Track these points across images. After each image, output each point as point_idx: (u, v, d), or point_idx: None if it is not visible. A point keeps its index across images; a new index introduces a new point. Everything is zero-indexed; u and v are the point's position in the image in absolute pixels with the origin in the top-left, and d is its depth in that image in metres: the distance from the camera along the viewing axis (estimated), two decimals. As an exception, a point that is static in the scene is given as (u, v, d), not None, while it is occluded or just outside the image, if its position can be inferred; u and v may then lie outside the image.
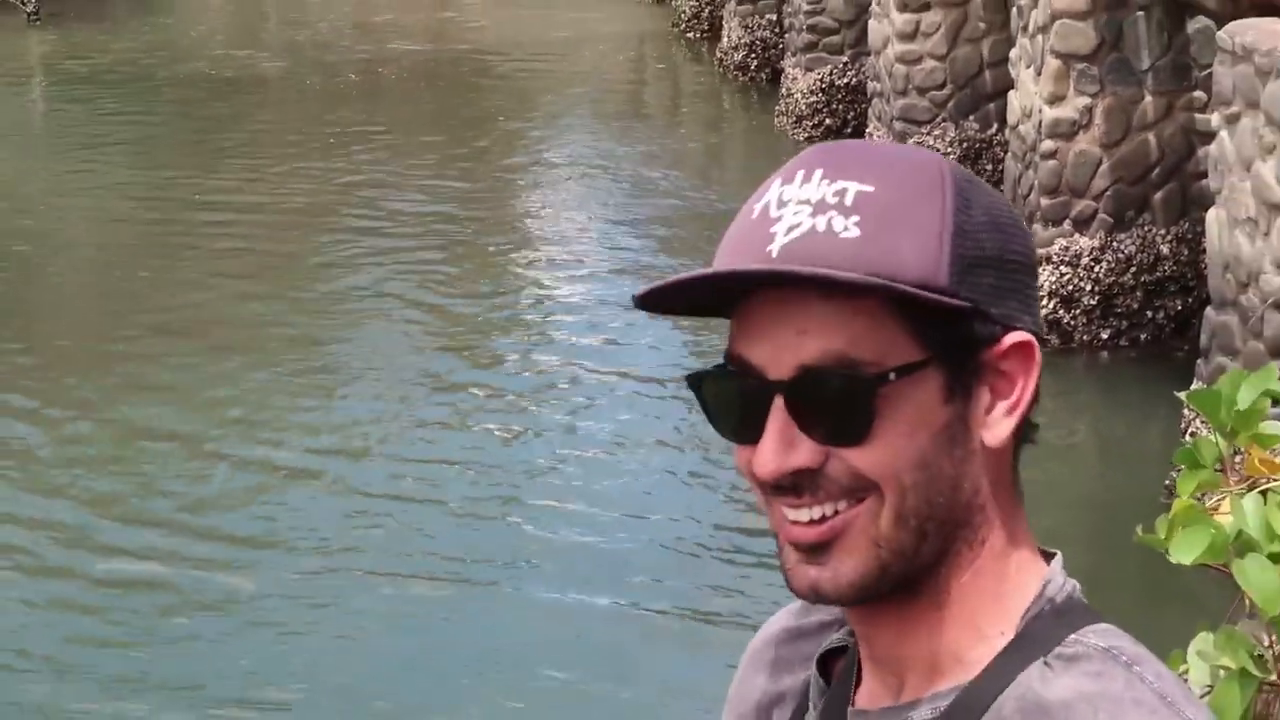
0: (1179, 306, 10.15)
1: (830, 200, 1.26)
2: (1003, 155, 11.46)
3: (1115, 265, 10.20)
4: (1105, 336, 10.20)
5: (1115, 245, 10.21)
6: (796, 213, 1.26)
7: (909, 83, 12.86)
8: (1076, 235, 10.22)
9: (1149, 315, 10.25)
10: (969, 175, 1.34)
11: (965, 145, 12.77)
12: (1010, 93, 10.97)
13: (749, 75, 17.76)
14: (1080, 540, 8.09)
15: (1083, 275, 10.16)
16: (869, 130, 13.53)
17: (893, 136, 12.88)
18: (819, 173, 1.27)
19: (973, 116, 12.83)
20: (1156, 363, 9.61)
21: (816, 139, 14.93)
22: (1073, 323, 10.18)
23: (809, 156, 1.29)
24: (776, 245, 1.24)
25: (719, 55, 18.65)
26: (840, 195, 1.26)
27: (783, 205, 1.27)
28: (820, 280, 1.21)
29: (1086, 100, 10.11)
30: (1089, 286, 10.16)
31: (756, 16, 17.70)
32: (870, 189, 1.26)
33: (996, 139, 12.30)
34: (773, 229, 1.26)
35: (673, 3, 21.31)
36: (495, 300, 12.15)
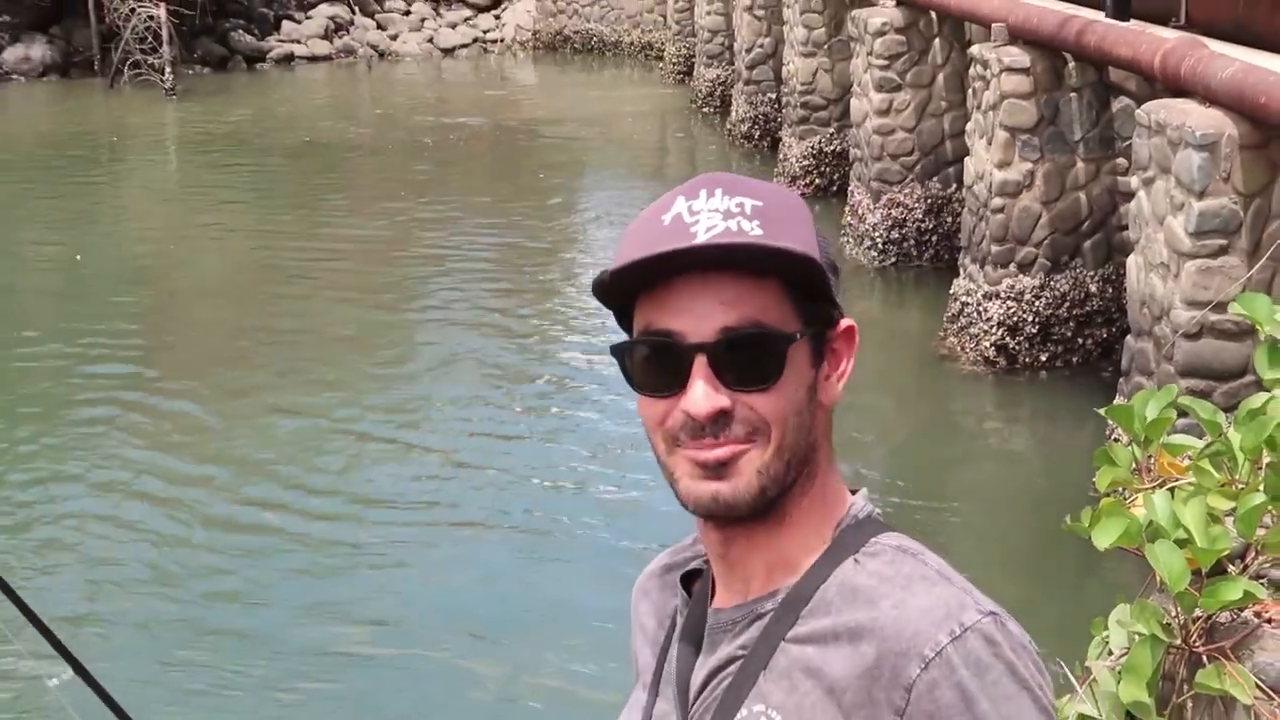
0: (1104, 335, 10.22)
1: (734, 210, 1.47)
2: (960, 210, 11.58)
3: (1052, 301, 10.33)
4: (1044, 359, 10.26)
5: (1052, 284, 10.35)
6: (710, 218, 1.46)
7: (884, 150, 13.00)
8: (1020, 276, 10.32)
9: (1080, 342, 10.36)
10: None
11: (930, 201, 12.92)
12: (966, 159, 11.04)
13: (753, 143, 17.95)
14: (1019, 527, 8.37)
15: (1025, 309, 10.27)
16: (850, 189, 13.62)
17: (870, 194, 13.03)
18: (719, 190, 1.49)
19: (936, 178, 12.95)
20: (1086, 381, 9.74)
21: (808, 196, 15.14)
22: (1017, 348, 10.25)
23: (703, 181, 1.51)
24: (700, 240, 1.45)
25: (728, 127, 18.79)
26: (740, 206, 1.47)
27: (695, 214, 1.47)
28: (769, 253, 1.45)
29: (1029, 165, 10.29)
30: (1030, 318, 10.26)
31: (759, 95, 17.89)
32: (760, 204, 1.48)
33: (955, 196, 12.40)
34: (693, 229, 1.46)
35: (691, 84, 21.56)
36: (544, 310, 12.88)
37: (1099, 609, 3.08)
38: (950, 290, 10.96)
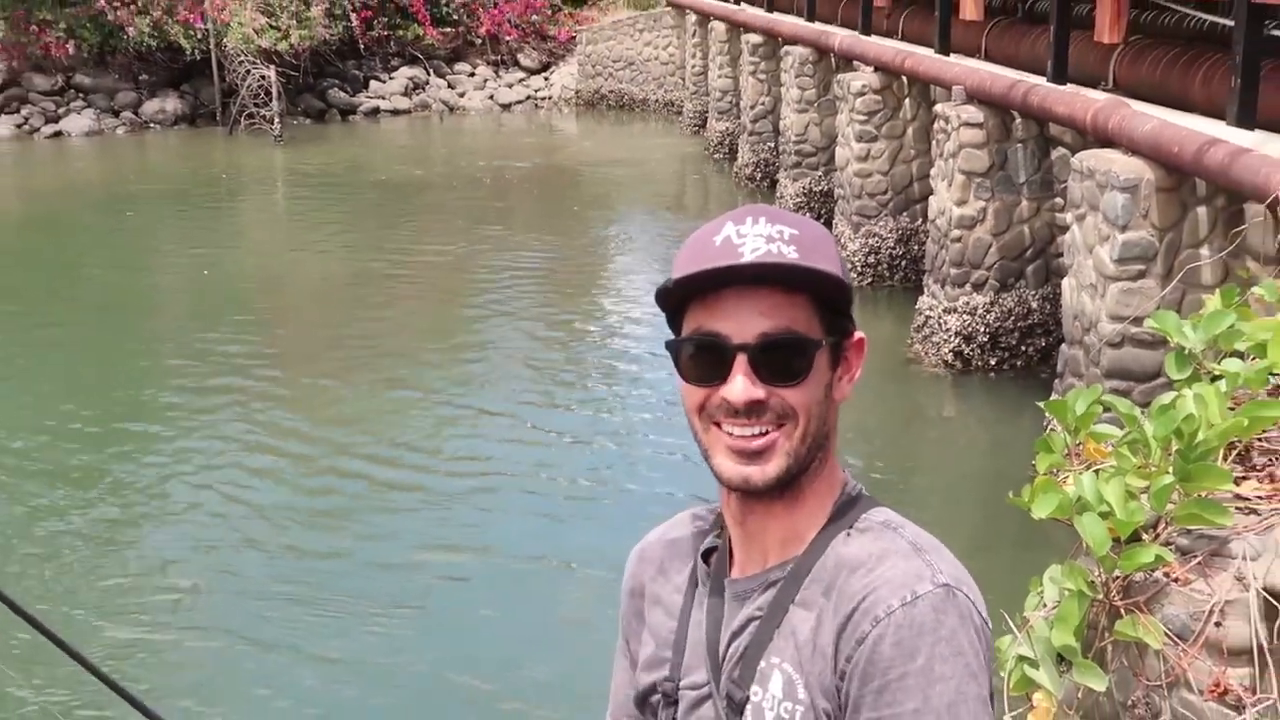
0: (1043, 343, 10.17)
1: (774, 235, 1.50)
2: (925, 239, 11.56)
3: (1000, 315, 10.29)
4: (993, 363, 10.21)
5: (1000, 302, 10.31)
6: (754, 241, 1.50)
7: (862, 190, 12.99)
8: (974, 294, 10.29)
9: (1023, 349, 10.32)
10: None
11: (900, 232, 12.91)
12: (930, 197, 11.01)
13: (755, 183, 17.90)
14: (971, 500, 8.37)
15: (978, 321, 10.23)
16: (835, 222, 13.62)
17: (851, 226, 13.02)
18: (763, 219, 1.51)
19: (905, 213, 12.93)
20: (1027, 382, 9.70)
21: (801, 227, 15.29)
22: (970, 353, 10.21)
23: (749, 210, 1.53)
24: (746, 259, 1.48)
25: (735, 169, 18.74)
26: (780, 233, 1.50)
27: (742, 237, 1.50)
28: (803, 272, 1.48)
29: (982, 203, 10.26)
30: (982, 329, 10.22)
31: (760, 144, 17.87)
32: (797, 232, 1.51)
33: (921, 228, 12.38)
34: (740, 249, 1.49)
35: (704, 134, 21.58)
36: (580, 307, 13.04)
37: (1036, 569, 3.08)
38: (916, 306, 10.96)
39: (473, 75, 27.68)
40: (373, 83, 26.64)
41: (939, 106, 10.90)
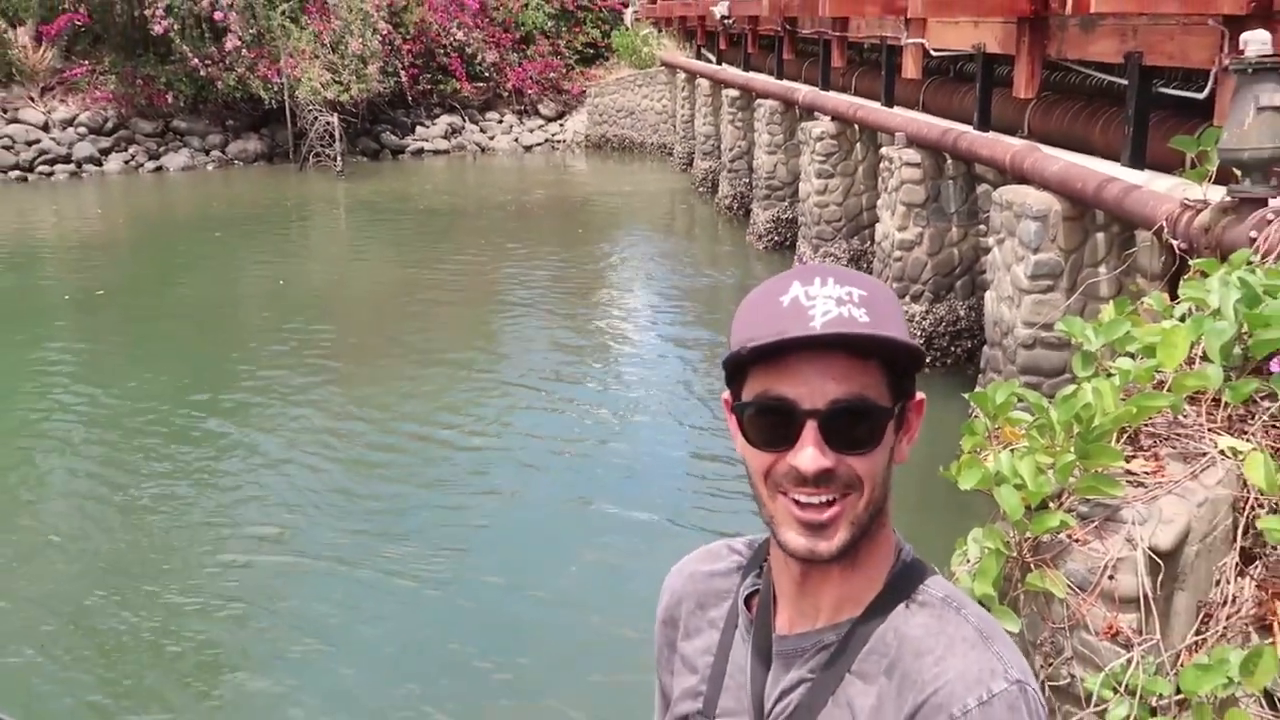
0: (969, 345, 10.14)
1: (845, 298, 1.25)
2: (872, 259, 11.55)
3: (934, 322, 10.26)
4: (928, 362, 10.31)
5: (934, 311, 10.29)
6: (825, 303, 1.25)
7: (821, 218, 12.98)
8: (913, 304, 10.27)
9: (953, 349, 10.28)
10: None
11: (851, 253, 12.86)
12: (877, 224, 11.01)
13: (733, 212, 17.82)
14: (910, 475, 8.28)
15: (915, 327, 10.17)
16: (798, 244, 13.62)
17: (811, 247, 13.00)
18: (831, 280, 1.27)
19: (856, 237, 12.91)
20: (957, 377, 9.59)
21: (770, 248, 15.23)
22: None
23: (816, 270, 1.29)
24: (818, 323, 1.23)
25: (716, 200, 18.65)
26: (850, 295, 1.25)
27: (811, 299, 1.25)
28: (879, 341, 1.24)
29: (919, 229, 10.22)
30: (919, 333, 10.17)
31: (737, 179, 17.81)
32: (866, 294, 1.27)
33: (869, 250, 12.34)
34: (811, 312, 1.24)
35: (691, 171, 21.55)
36: (587, 307, 12.99)
37: (961, 531, 3.07)
38: (865, 313, 10.96)
39: (500, 122, 27.68)
40: (418, 127, 26.63)
41: (884, 149, 10.89)
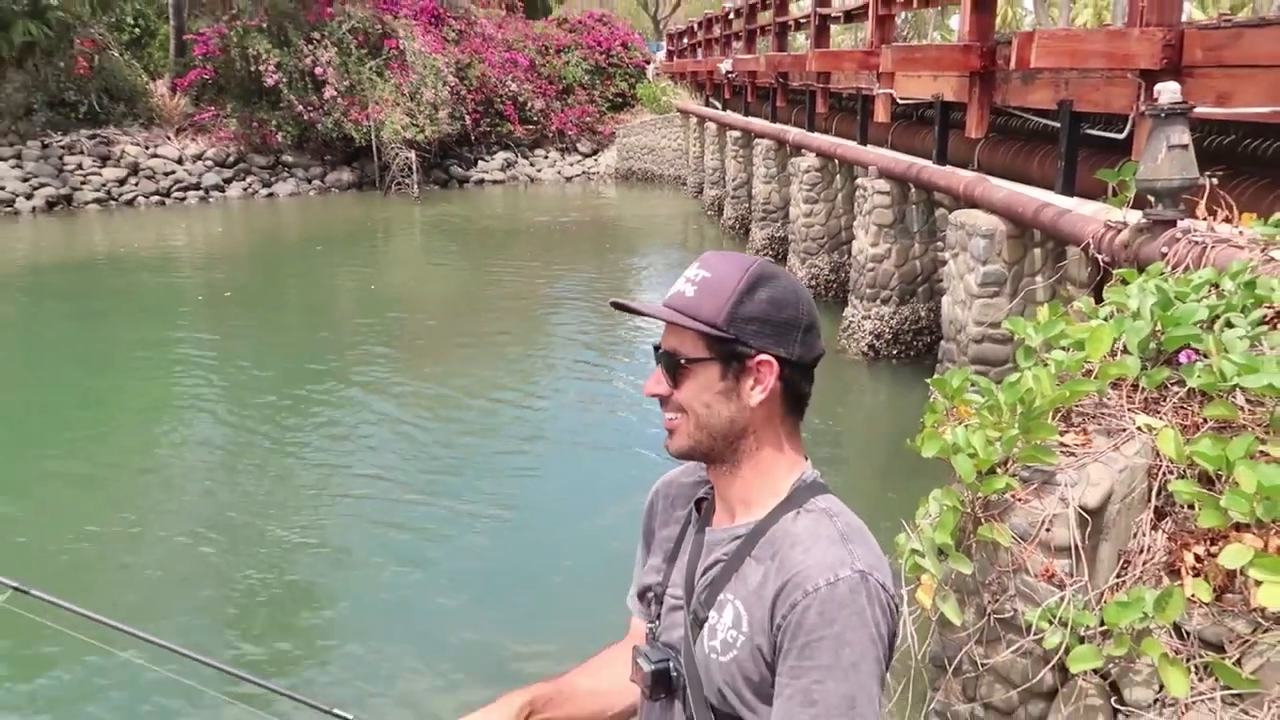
0: (928, 340, 10.03)
1: (692, 277, 1.37)
2: (849, 270, 11.46)
3: (900, 321, 10.15)
4: (895, 354, 10.08)
5: (900, 312, 10.16)
6: (681, 282, 1.38)
7: (808, 236, 12.87)
8: (882, 306, 10.16)
9: (915, 344, 10.15)
10: (775, 275, 1.39)
11: (832, 265, 12.72)
12: (853, 241, 10.94)
13: (735, 231, 17.65)
14: (881, 446, 8.23)
15: (885, 325, 10.08)
16: (789, 257, 13.52)
17: (800, 260, 12.93)
18: (697, 264, 1.38)
19: (835, 252, 12.78)
20: (919, 367, 9.51)
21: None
22: (880, 347, 10.07)
23: (704, 255, 1.40)
24: (671, 295, 1.38)
25: (722, 222, 18.48)
26: (695, 276, 1.37)
27: (685, 278, 1.38)
28: (667, 319, 1.36)
29: (888, 245, 10.12)
30: (888, 331, 10.07)
31: (739, 204, 17.68)
32: (708, 275, 1.36)
33: (846, 262, 12.23)
34: (675, 288, 1.38)
35: (701, 198, 21.40)
36: (613, 320, 12.69)
37: (924, 491, 3.05)
38: (843, 314, 10.84)
39: (546, 157, 27.62)
40: (479, 162, 26.56)
41: (860, 180, 10.81)
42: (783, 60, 15.91)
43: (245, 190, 23.75)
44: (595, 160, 27.85)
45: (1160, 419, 2.96)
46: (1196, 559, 2.64)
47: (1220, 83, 5.64)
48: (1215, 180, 4.75)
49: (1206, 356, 2.96)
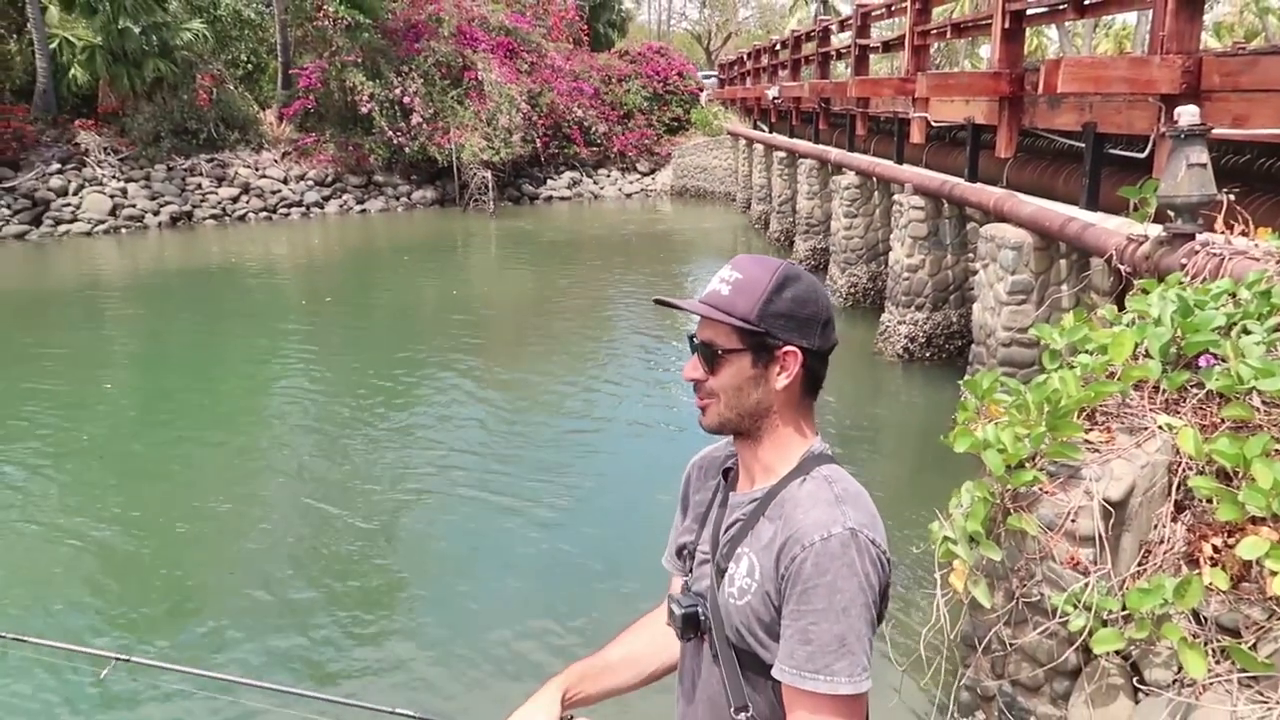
0: (960, 344, 9.85)
1: (726, 278, 1.40)
2: (886, 278, 11.31)
3: (933, 326, 9.99)
4: (929, 356, 9.94)
5: (933, 318, 10.00)
6: (715, 281, 1.42)
7: (847, 247, 12.74)
8: (917, 312, 10.02)
9: (948, 348, 9.97)
10: (799, 276, 1.42)
11: (870, 274, 12.55)
12: (890, 252, 10.83)
13: (780, 243, 17.59)
14: (915, 442, 8.08)
15: (919, 329, 9.93)
16: (829, 267, 13.38)
17: (840, 269, 12.83)
18: (729, 266, 1.41)
19: (874, 262, 12.63)
20: (951, 368, 9.33)
21: (808, 270, 15.05)
22: (914, 350, 9.92)
23: (734, 259, 1.43)
24: (707, 293, 1.41)
25: (768, 234, 18.36)
26: (729, 276, 1.40)
27: (719, 277, 1.42)
28: (705, 315, 1.39)
29: (922, 256, 9.97)
30: (922, 335, 9.93)
31: (784, 219, 17.53)
32: (740, 276, 1.40)
33: (883, 272, 12.09)
34: (708, 286, 1.42)
35: (749, 213, 21.29)
36: (673, 317, 12.54)
37: (957, 484, 3.01)
38: (880, 319, 10.69)
39: (609, 176, 27.68)
40: (548, 180, 26.73)
41: (896, 196, 10.67)
42: (825, 87, 15.77)
43: (341, 207, 24.16)
44: (653, 179, 27.86)
45: (1180, 419, 2.90)
46: (1214, 550, 2.58)
47: (1236, 106, 5.49)
48: (1232, 197, 4.62)
49: (1224, 361, 2.90)
